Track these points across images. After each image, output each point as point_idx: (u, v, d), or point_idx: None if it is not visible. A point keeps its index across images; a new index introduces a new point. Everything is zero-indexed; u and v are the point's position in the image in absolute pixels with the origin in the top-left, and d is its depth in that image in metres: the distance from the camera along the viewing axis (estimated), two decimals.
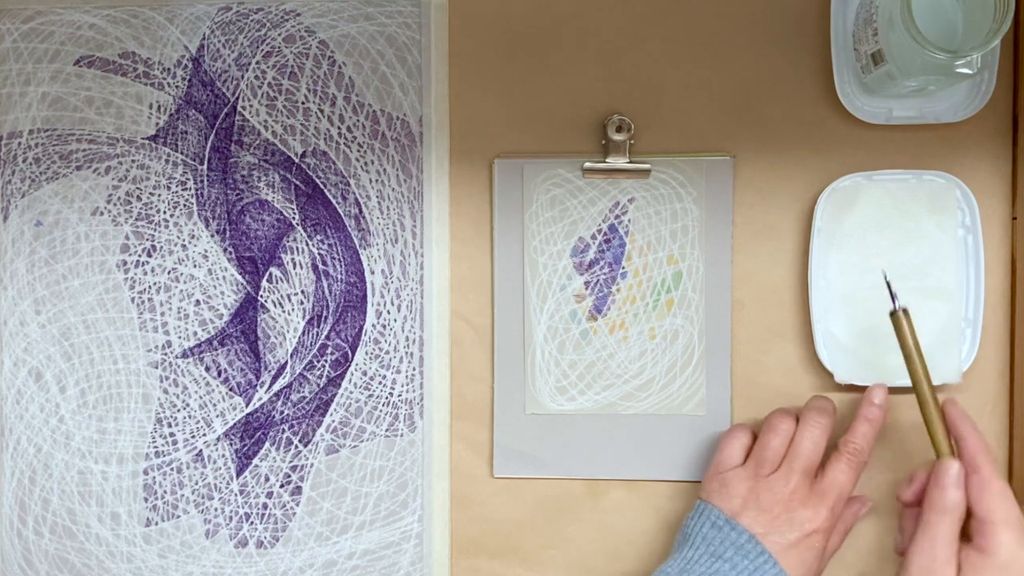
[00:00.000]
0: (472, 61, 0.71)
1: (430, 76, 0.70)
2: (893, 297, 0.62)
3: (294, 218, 0.71)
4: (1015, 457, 0.68)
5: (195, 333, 0.72)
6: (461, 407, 0.71)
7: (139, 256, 0.72)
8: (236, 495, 0.72)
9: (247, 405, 0.72)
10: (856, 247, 0.67)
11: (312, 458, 0.71)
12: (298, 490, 0.72)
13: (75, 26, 0.72)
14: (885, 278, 0.63)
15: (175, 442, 0.72)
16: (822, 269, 0.67)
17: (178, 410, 0.72)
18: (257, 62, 0.71)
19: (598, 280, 0.70)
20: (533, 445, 0.70)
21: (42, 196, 0.72)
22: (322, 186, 0.71)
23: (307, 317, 0.71)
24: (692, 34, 0.69)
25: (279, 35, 0.71)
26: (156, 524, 0.72)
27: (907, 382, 0.63)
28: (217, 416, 0.72)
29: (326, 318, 0.71)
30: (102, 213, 0.72)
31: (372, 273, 0.71)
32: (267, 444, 0.72)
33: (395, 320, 0.71)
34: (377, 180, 0.71)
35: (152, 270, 0.72)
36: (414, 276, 0.71)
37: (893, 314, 0.61)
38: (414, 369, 0.71)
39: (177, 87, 0.72)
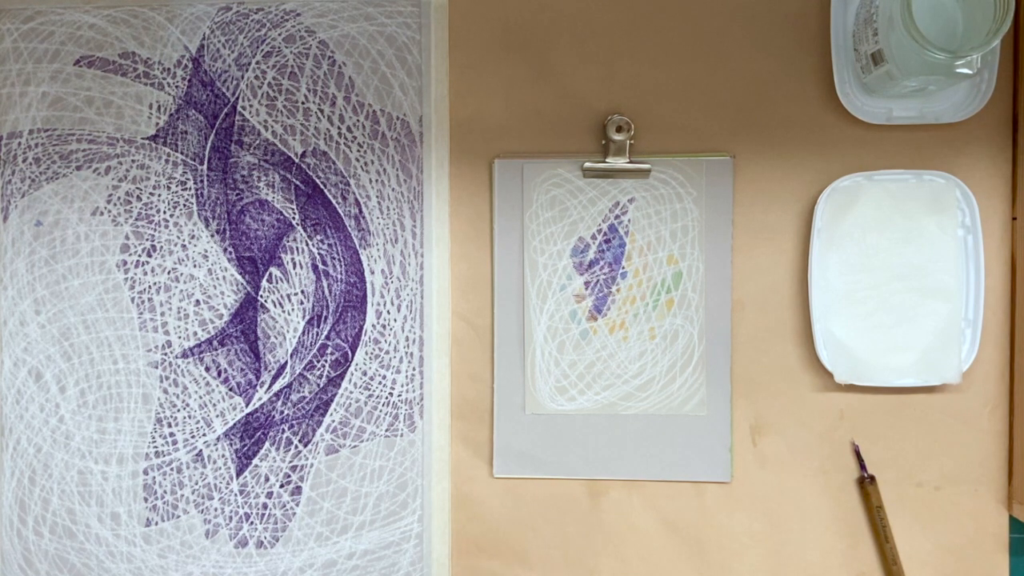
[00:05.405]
0: (472, 61, 0.71)
1: (430, 76, 0.70)
2: None
3: (294, 218, 0.71)
4: (1015, 457, 0.68)
5: (195, 333, 0.72)
6: (461, 407, 0.71)
7: (139, 256, 0.72)
8: (236, 495, 0.72)
9: (247, 405, 0.72)
10: (856, 247, 0.67)
11: (312, 458, 0.71)
12: (298, 490, 0.72)
13: (75, 26, 0.72)
14: None
15: (175, 442, 0.72)
16: (822, 269, 0.67)
17: (178, 410, 0.72)
18: (257, 62, 0.71)
19: (598, 280, 0.70)
20: (533, 445, 0.70)
21: (42, 196, 0.72)
22: (322, 186, 0.71)
23: (307, 317, 0.71)
24: (692, 34, 0.69)
25: (279, 35, 0.71)
26: (156, 524, 0.72)
27: (907, 382, 0.63)
28: (217, 416, 0.72)
29: (326, 318, 0.71)
30: (102, 213, 0.72)
31: (372, 273, 0.71)
32: (267, 444, 0.72)
33: (395, 320, 0.71)
34: (377, 180, 0.71)
35: (152, 270, 0.72)
36: (414, 276, 0.71)
37: None
38: (414, 369, 0.71)
39: (177, 87, 0.72)
